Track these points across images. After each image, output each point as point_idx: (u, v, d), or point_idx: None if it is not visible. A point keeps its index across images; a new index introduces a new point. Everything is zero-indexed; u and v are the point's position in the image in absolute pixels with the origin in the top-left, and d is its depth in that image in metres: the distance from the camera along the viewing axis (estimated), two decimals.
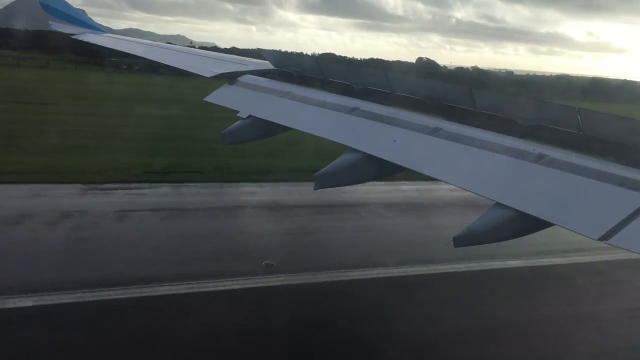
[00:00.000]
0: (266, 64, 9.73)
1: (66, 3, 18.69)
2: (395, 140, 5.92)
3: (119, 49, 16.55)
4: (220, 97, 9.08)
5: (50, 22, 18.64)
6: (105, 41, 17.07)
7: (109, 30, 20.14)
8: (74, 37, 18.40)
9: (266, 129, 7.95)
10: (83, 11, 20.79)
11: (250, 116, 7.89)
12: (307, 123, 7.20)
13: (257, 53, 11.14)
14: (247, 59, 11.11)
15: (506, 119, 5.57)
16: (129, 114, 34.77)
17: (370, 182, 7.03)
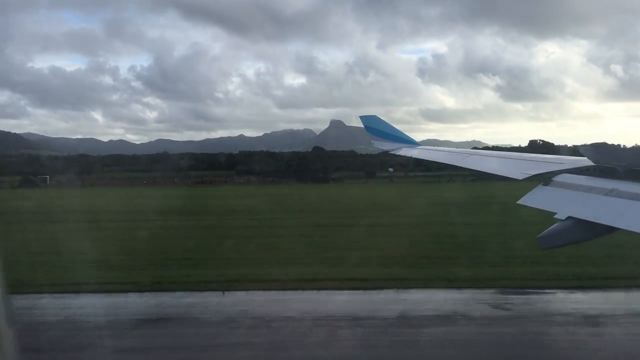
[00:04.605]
0: (584, 161, 9.03)
1: (386, 123, 20.83)
2: None
3: (430, 159, 17.59)
4: (534, 199, 8.68)
5: (373, 142, 20.91)
6: (418, 153, 18.35)
7: None
8: (391, 152, 20.25)
9: (588, 231, 7.22)
10: None
11: (569, 217, 7.31)
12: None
13: (571, 150, 10.53)
14: (561, 157, 10.54)
15: None
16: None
17: None
